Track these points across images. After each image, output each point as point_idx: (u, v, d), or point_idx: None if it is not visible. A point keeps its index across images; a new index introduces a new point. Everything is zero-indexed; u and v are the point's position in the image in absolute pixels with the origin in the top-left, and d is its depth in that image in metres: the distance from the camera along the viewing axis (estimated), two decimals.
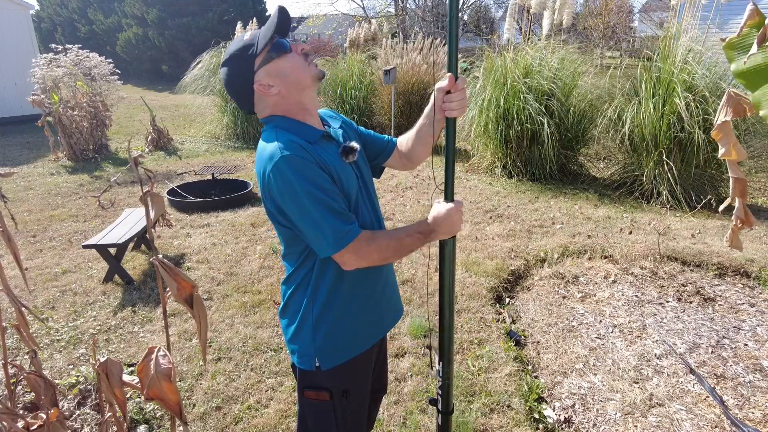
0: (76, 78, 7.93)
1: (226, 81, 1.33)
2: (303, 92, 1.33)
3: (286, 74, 1.29)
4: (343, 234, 1.23)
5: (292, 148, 1.22)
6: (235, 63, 1.30)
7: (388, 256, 1.33)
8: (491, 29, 26.81)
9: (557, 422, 2.41)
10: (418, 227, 1.34)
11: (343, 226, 1.24)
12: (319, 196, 1.22)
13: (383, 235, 1.32)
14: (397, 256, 1.34)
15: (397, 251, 1.32)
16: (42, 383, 1.40)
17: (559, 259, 4.15)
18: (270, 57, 1.28)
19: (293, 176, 1.20)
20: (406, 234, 1.33)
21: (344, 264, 1.29)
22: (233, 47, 1.31)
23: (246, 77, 1.30)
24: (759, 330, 3.09)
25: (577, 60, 6.59)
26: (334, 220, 1.23)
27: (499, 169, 6.70)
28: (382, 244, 1.30)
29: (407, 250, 1.33)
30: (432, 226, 1.33)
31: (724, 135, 1.20)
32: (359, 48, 10.14)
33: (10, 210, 2.83)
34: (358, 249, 1.26)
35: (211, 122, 10.19)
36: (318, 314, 1.37)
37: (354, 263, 1.29)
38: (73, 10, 26.49)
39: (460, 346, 2.99)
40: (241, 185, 6.20)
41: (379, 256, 1.31)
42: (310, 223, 1.23)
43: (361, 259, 1.29)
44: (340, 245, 1.24)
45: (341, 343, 1.41)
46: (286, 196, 1.22)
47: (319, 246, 1.27)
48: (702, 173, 5.36)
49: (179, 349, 3.02)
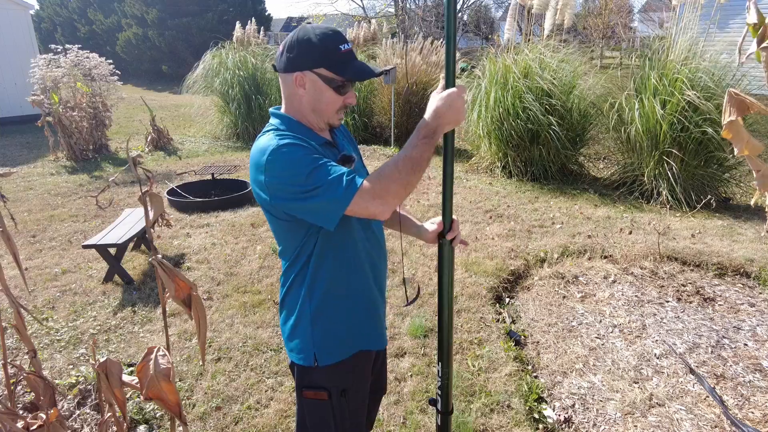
0: (76, 78, 7.93)
1: (298, 39, 1.29)
2: (316, 115, 1.35)
3: (319, 98, 1.31)
4: (346, 185, 1.19)
5: (285, 137, 1.25)
6: (319, 42, 1.27)
7: (406, 178, 1.21)
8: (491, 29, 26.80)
9: (557, 422, 2.40)
10: (419, 133, 1.24)
11: (344, 178, 1.20)
12: (314, 166, 1.20)
13: (388, 163, 1.24)
14: (415, 173, 1.22)
15: (412, 169, 1.21)
16: (41, 383, 1.40)
17: (559, 259, 4.15)
18: (328, 78, 1.29)
19: (287, 156, 1.21)
20: (410, 147, 1.23)
21: (372, 213, 1.21)
22: (330, 34, 1.28)
23: (307, 58, 1.28)
24: (759, 330, 3.09)
25: (577, 60, 6.59)
26: (333, 178, 1.20)
27: (499, 169, 6.70)
28: (392, 171, 1.21)
29: (422, 161, 1.22)
30: (434, 122, 1.24)
31: (734, 134, 1.20)
32: (359, 48, 10.13)
33: (9, 210, 2.83)
34: (372, 190, 1.19)
35: (211, 122, 10.19)
36: (316, 308, 1.38)
37: (380, 206, 1.20)
38: (73, 10, 26.49)
39: (460, 346, 2.99)
40: (241, 185, 6.20)
41: (398, 185, 1.20)
42: (310, 194, 1.20)
43: (384, 197, 1.19)
44: (348, 196, 1.18)
45: (339, 339, 1.41)
46: (282, 177, 1.21)
47: (329, 212, 1.21)
48: (702, 173, 5.36)
49: (179, 349, 3.02)
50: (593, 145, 6.90)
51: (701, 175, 5.37)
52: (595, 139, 6.79)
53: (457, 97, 1.24)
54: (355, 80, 1.33)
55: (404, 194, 1.23)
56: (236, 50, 9.80)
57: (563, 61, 6.41)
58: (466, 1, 23.71)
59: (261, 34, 10.49)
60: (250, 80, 9.40)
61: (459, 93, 1.25)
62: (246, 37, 10.11)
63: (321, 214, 1.24)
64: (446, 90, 1.26)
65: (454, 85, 1.28)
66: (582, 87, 6.41)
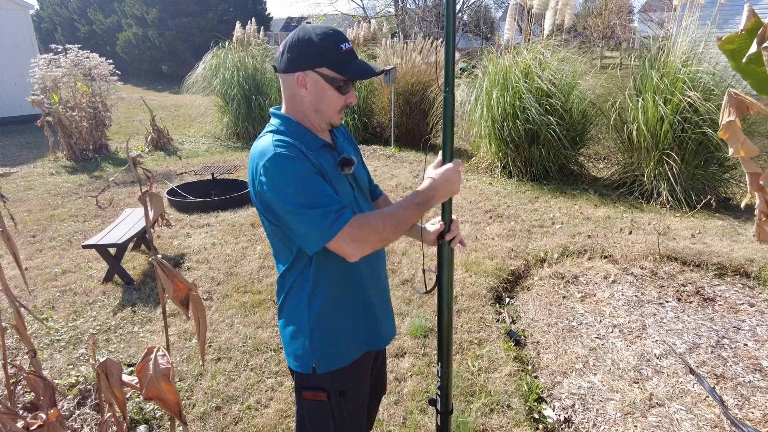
0: (76, 78, 7.93)
1: (298, 39, 1.29)
2: (318, 115, 1.35)
3: (321, 97, 1.32)
4: (333, 220, 1.19)
5: (285, 146, 1.24)
6: (320, 42, 1.27)
7: (387, 234, 1.26)
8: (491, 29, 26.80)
9: (557, 422, 2.40)
10: (413, 198, 1.29)
11: (332, 213, 1.20)
12: (308, 188, 1.21)
13: (377, 214, 1.27)
14: (396, 233, 1.27)
15: (395, 228, 1.26)
16: (41, 383, 1.40)
17: (559, 259, 4.15)
18: (330, 77, 1.29)
19: (283, 169, 1.21)
20: (401, 208, 1.27)
21: (344, 253, 1.23)
22: (331, 33, 1.29)
23: (308, 58, 1.28)
24: (759, 330, 3.09)
25: (577, 60, 6.59)
26: (323, 209, 1.20)
27: (499, 169, 6.70)
28: (377, 224, 1.24)
29: (406, 224, 1.27)
30: (429, 193, 1.29)
31: (731, 134, 1.20)
32: (359, 48, 10.13)
33: (9, 210, 2.83)
34: (353, 234, 1.20)
35: (211, 122, 10.19)
36: (316, 317, 1.37)
37: (354, 250, 1.22)
38: (73, 10, 26.49)
39: (460, 346, 2.99)
40: (241, 185, 6.20)
41: (377, 237, 1.24)
42: (298, 215, 1.21)
43: (360, 244, 1.22)
44: (332, 232, 1.19)
45: (338, 349, 1.40)
46: (275, 190, 1.22)
47: (310, 239, 1.23)
48: (702, 173, 5.36)
49: (179, 349, 3.02)
50: (593, 145, 6.90)
51: (701, 175, 5.37)
52: (595, 139, 6.79)
53: (453, 173, 1.31)
54: (357, 79, 1.33)
55: (379, 246, 1.29)
56: (236, 50, 9.81)
57: (564, 61, 6.41)
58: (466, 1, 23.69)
59: (261, 34, 10.48)
60: (250, 80, 9.40)
61: (455, 168, 1.32)
62: (246, 37, 10.11)
63: (302, 239, 1.26)
64: (443, 166, 1.33)
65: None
66: (582, 87, 6.41)
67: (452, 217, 1.42)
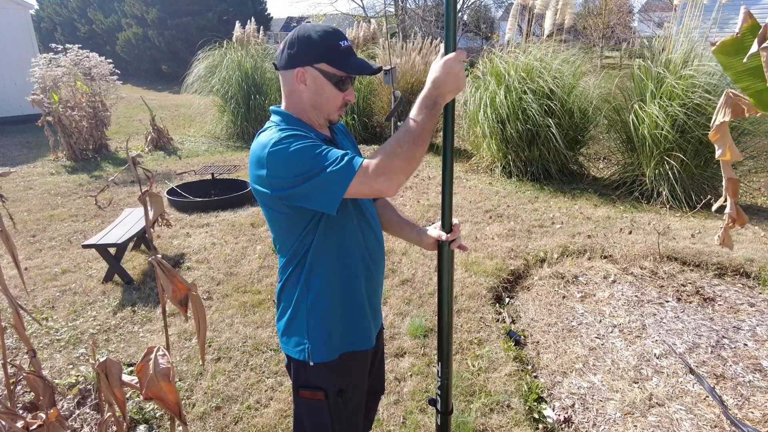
0: (76, 78, 7.93)
1: (298, 36, 1.30)
2: (316, 111, 1.37)
3: (320, 93, 1.33)
4: (348, 161, 1.18)
5: (290, 129, 1.27)
6: (319, 39, 1.28)
7: (410, 151, 1.18)
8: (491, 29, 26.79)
9: (557, 422, 2.40)
10: (420, 104, 1.21)
11: (347, 156, 1.20)
12: (319, 151, 1.21)
13: (389, 140, 1.22)
14: (417, 146, 1.18)
15: (413, 142, 1.18)
16: (41, 383, 1.40)
17: (559, 259, 4.15)
18: (329, 73, 1.30)
19: (291, 142, 1.22)
20: (410, 120, 1.20)
21: (378, 191, 1.19)
22: (330, 31, 1.30)
23: (308, 54, 1.29)
24: (758, 330, 3.09)
25: (577, 60, 6.59)
26: (335, 159, 1.20)
27: (498, 169, 6.70)
28: (394, 146, 1.19)
29: (424, 133, 1.19)
30: (433, 91, 1.20)
31: (721, 136, 1.21)
32: (359, 48, 10.13)
33: (9, 210, 2.83)
34: (375, 168, 1.17)
35: (211, 122, 10.19)
36: (312, 302, 1.38)
37: (384, 182, 1.18)
38: (72, 9, 26.48)
39: (459, 346, 2.99)
40: (241, 185, 6.20)
41: (402, 159, 1.17)
42: (315, 177, 1.19)
43: (389, 174, 1.17)
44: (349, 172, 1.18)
45: (333, 334, 1.41)
46: (287, 164, 1.21)
47: (331, 188, 1.20)
48: (702, 173, 5.36)
49: (179, 349, 3.02)
50: (593, 145, 6.90)
51: (701, 176, 5.37)
52: (595, 139, 6.79)
53: (455, 62, 1.19)
54: (356, 74, 1.34)
55: (409, 168, 1.19)
56: (235, 50, 9.80)
57: (565, 61, 6.41)
58: (466, 1, 23.69)
59: (261, 33, 10.48)
60: (250, 80, 9.39)
61: (456, 57, 1.19)
62: (246, 37, 10.11)
63: (322, 195, 1.21)
64: (443, 58, 1.22)
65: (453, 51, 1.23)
66: (582, 87, 6.41)
67: (454, 221, 1.42)
